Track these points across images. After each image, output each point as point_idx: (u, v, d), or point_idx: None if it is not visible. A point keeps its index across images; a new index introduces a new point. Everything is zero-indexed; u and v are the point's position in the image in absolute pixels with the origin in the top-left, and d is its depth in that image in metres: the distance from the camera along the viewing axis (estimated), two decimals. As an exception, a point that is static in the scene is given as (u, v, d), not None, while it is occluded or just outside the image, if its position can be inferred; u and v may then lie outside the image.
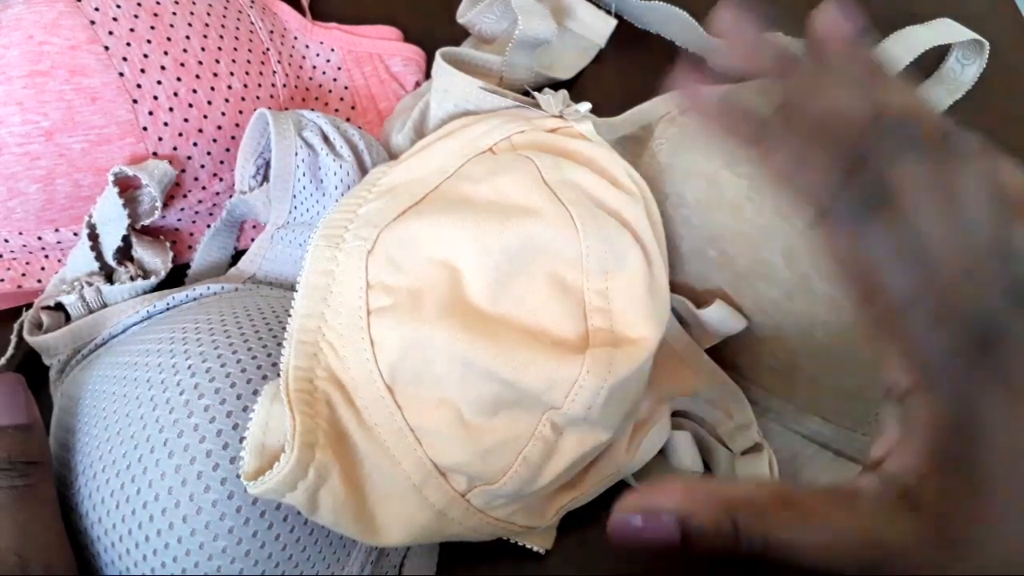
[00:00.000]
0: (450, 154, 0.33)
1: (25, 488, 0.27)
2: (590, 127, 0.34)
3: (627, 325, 0.28)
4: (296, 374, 0.27)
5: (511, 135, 0.33)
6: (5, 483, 0.26)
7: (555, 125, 0.34)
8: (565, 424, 0.27)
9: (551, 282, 0.29)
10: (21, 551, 0.26)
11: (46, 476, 0.27)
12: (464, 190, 0.31)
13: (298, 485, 0.25)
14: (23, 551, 0.26)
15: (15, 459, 0.27)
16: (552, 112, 0.35)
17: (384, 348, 0.27)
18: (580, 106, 0.34)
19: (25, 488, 0.27)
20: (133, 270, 0.36)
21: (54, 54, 0.33)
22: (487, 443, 0.27)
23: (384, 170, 0.34)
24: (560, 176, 0.31)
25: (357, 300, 0.28)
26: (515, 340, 0.27)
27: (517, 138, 0.33)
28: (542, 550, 0.33)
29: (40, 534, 0.26)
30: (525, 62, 0.42)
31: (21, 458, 0.27)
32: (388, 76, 0.45)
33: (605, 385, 0.27)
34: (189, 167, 0.37)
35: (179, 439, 0.27)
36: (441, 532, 0.28)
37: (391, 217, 0.30)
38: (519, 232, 0.29)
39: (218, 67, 0.37)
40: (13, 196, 0.34)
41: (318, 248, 0.29)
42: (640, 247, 0.29)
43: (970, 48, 0.44)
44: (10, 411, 0.27)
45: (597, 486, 0.33)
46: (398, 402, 0.27)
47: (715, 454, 0.36)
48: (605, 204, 0.31)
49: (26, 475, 0.27)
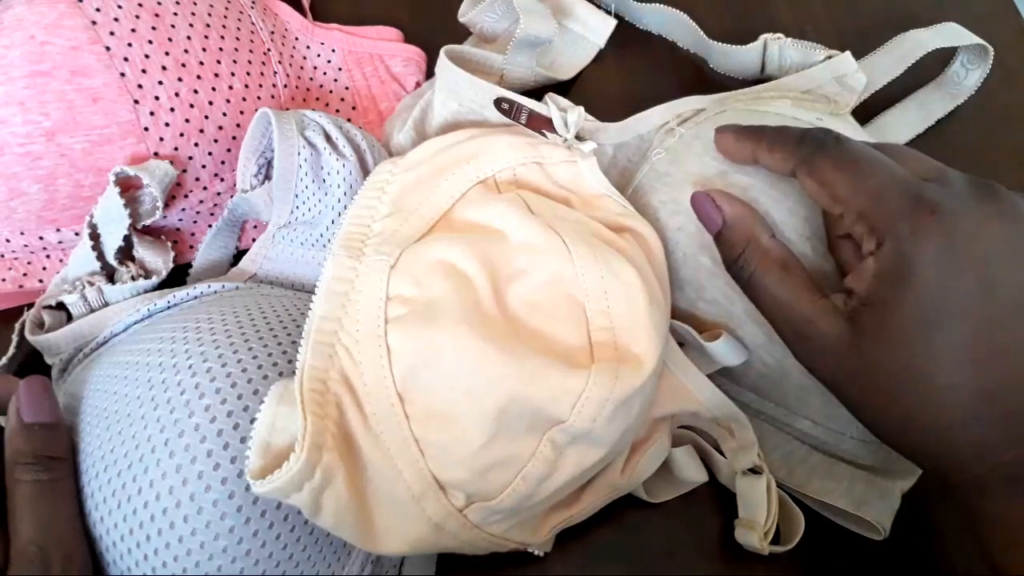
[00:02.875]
0: (459, 179, 0.34)
1: (49, 482, 0.28)
2: (593, 163, 0.35)
3: (630, 341, 0.29)
4: (311, 373, 0.27)
5: (515, 166, 0.34)
6: (30, 477, 0.27)
7: (561, 158, 0.35)
8: (567, 442, 0.28)
9: (558, 298, 0.29)
10: (43, 543, 0.26)
11: (68, 472, 0.28)
12: (469, 214, 0.32)
13: (304, 486, 0.25)
14: (44, 543, 0.26)
15: (40, 454, 0.28)
16: (563, 136, 0.35)
17: (399, 357, 0.27)
18: (584, 145, 0.35)
19: (49, 482, 0.28)
20: (134, 270, 0.36)
21: (55, 54, 0.33)
22: (488, 461, 0.27)
23: (390, 169, 0.34)
24: (553, 213, 0.32)
25: (376, 309, 0.28)
26: (525, 351, 0.27)
27: (521, 171, 0.34)
28: (541, 553, 0.33)
29: (61, 527, 0.27)
30: (526, 61, 0.42)
31: (46, 453, 0.28)
32: (389, 76, 0.45)
33: (611, 398, 0.27)
34: (190, 167, 0.37)
35: (180, 438, 0.27)
36: (437, 544, 0.29)
37: (412, 238, 0.31)
38: (522, 255, 0.30)
39: (219, 67, 0.37)
40: (14, 196, 0.34)
41: (338, 257, 0.30)
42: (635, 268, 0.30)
43: (975, 53, 0.44)
44: (37, 410, 0.29)
45: (592, 505, 0.33)
46: (406, 412, 0.27)
47: (715, 462, 0.36)
48: (599, 235, 0.32)
49: (49, 470, 0.28)
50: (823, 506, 0.35)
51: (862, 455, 0.35)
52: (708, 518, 0.37)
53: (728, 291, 0.33)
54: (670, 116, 0.39)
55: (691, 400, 0.34)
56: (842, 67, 0.39)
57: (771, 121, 0.35)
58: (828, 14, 0.50)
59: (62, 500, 0.28)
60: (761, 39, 0.42)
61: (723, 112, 0.37)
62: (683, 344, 0.34)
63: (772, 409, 0.35)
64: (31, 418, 0.28)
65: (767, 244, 0.31)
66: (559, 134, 0.35)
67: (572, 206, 0.34)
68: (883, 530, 0.34)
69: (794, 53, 0.41)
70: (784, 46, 0.41)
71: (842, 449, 0.35)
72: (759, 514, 0.34)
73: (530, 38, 0.41)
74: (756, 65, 0.43)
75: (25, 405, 0.29)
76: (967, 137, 0.46)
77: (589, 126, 0.40)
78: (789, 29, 0.43)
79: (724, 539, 0.36)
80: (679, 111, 0.39)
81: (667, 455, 0.35)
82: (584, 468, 0.29)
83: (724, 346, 0.33)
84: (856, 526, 0.35)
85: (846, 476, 0.35)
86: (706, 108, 0.39)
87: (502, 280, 0.29)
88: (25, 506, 0.27)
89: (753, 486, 0.35)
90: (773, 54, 0.42)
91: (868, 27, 0.48)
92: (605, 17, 0.47)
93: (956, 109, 0.46)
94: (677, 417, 0.35)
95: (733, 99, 0.39)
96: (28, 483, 0.27)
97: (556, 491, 0.29)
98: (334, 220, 0.36)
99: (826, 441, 0.35)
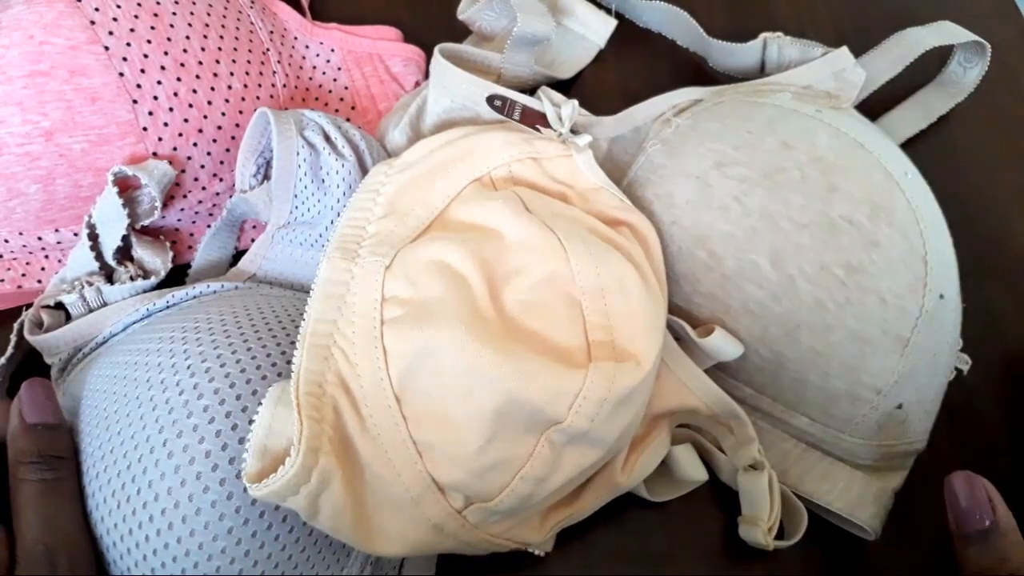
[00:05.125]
0: (454, 177, 0.34)
1: (53, 482, 0.28)
2: (589, 156, 0.35)
3: (628, 340, 0.29)
4: (307, 376, 0.27)
5: (511, 163, 0.34)
6: (35, 476, 0.28)
7: (556, 153, 0.35)
8: (565, 442, 0.28)
9: (554, 297, 0.29)
10: (48, 542, 0.27)
11: (71, 472, 0.29)
12: (464, 213, 0.32)
13: (300, 490, 0.25)
14: (50, 542, 0.27)
15: (44, 453, 0.28)
16: (557, 130, 0.35)
17: (396, 358, 0.27)
18: (579, 139, 0.34)
19: (53, 482, 0.28)
20: (133, 270, 0.36)
21: (54, 54, 0.33)
22: (486, 462, 0.27)
23: (385, 171, 0.34)
24: (549, 210, 0.32)
25: (372, 311, 0.29)
26: (522, 351, 0.27)
27: (517, 167, 0.34)
28: (542, 553, 0.33)
29: (65, 526, 0.27)
30: (524, 60, 0.42)
31: (49, 452, 0.28)
32: (388, 76, 0.45)
33: (609, 397, 0.27)
34: (189, 167, 0.37)
35: (178, 439, 0.27)
36: (436, 546, 0.29)
37: (407, 239, 0.31)
38: (518, 254, 0.30)
39: (218, 67, 0.37)
40: (13, 196, 0.34)
41: (333, 260, 0.30)
42: (633, 265, 0.30)
43: (972, 50, 0.44)
44: (40, 411, 0.29)
45: (592, 504, 0.33)
46: (404, 413, 0.27)
47: (716, 460, 0.36)
48: (596, 230, 0.32)
49: (54, 469, 0.28)
50: (816, 506, 0.35)
51: (860, 454, 0.35)
52: (708, 518, 0.37)
53: (724, 284, 0.33)
54: (666, 107, 0.39)
55: (689, 397, 0.34)
56: (840, 62, 0.39)
57: (770, 113, 0.35)
58: (828, 13, 0.50)
59: (67, 499, 0.28)
60: (761, 37, 0.42)
61: (721, 103, 0.37)
62: (679, 339, 0.34)
63: (769, 405, 0.35)
64: (33, 419, 0.29)
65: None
66: (554, 129, 0.35)
67: (569, 201, 0.34)
68: (874, 532, 0.34)
69: (794, 51, 0.41)
70: (783, 44, 0.41)
71: (840, 448, 0.35)
72: (762, 510, 0.34)
73: (527, 36, 0.40)
74: (756, 63, 0.43)
75: (27, 406, 0.29)
76: (967, 137, 0.46)
77: (583, 120, 0.40)
78: (789, 27, 0.43)
79: (724, 539, 0.36)
80: (676, 102, 0.39)
81: (667, 453, 0.35)
82: (583, 468, 0.29)
83: (719, 341, 0.33)
84: (848, 524, 0.35)
85: (842, 477, 0.35)
86: (704, 99, 0.38)
87: (498, 280, 0.29)
88: (30, 505, 0.27)
89: (755, 482, 0.34)
90: (772, 52, 0.42)
91: (868, 26, 0.48)
92: (605, 17, 0.47)
93: (956, 109, 0.46)
94: (676, 414, 0.35)
95: (732, 91, 0.39)
96: (33, 482, 0.27)
97: (555, 491, 0.29)
98: (333, 220, 0.36)
99: (824, 439, 0.35)
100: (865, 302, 0.32)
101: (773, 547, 0.34)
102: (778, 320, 0.33)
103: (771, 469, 0.34)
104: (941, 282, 0.33)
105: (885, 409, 0.34)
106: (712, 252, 0.33)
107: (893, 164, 0.34)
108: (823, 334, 0.32)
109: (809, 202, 0.32)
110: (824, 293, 0.32)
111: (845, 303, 0.32)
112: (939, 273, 0.33)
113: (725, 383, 0.35)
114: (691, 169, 0.34)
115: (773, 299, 0.33)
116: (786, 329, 0.33)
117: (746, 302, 0.33)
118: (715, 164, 0.34)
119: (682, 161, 0.35)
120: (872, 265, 0.32)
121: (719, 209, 0.33)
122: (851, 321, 0.32)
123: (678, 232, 0.34)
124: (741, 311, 0.33)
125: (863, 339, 0.32)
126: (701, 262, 0.34)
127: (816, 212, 0.32)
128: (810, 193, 0.32)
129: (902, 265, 0.32)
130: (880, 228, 0.32)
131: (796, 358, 0.33)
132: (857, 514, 0.34)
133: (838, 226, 0.32)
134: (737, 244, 0.33)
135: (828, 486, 0.35)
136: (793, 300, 0.32)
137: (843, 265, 0.32)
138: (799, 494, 0.35)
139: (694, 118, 0.37)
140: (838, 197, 0.32)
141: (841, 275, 0.32)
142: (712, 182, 0.34)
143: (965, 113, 0.46)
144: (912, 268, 0.32)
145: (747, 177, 0.33)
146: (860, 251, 0.32)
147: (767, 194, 0.33)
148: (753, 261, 0.33)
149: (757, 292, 0.33)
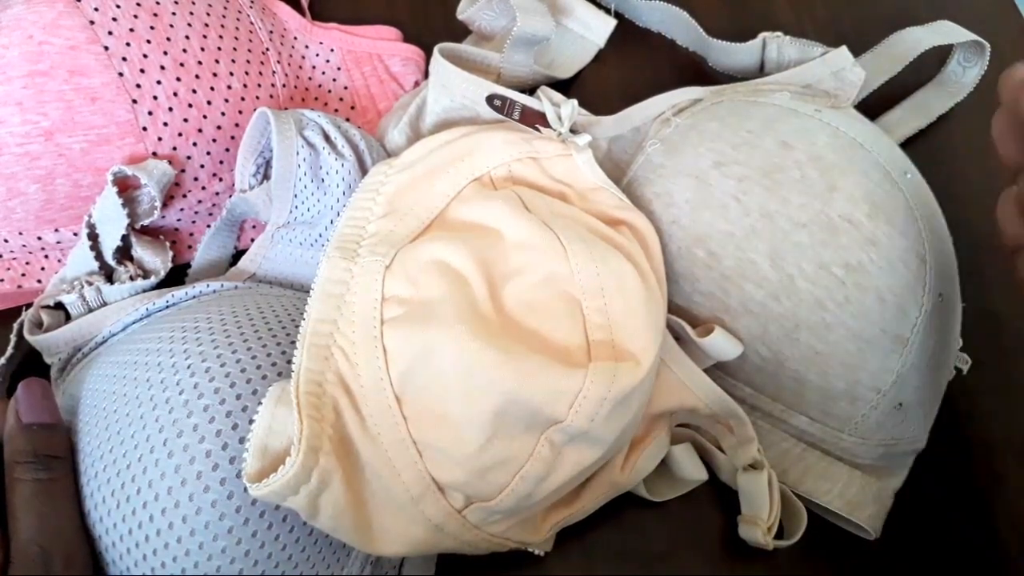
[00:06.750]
0: (454, 177, 0.34)
1: (48, 481, 0.28)
2: (589, 155, 0.35)
3: (627, 339, 0.29)
4: (307, 376, 0.27)
5: (510, 162, 0.34)
6: (30, 476, 0.27)
7: (556, 152, 0.35)
8: (565, 441, 0.28)
9: (554, 297, 0.29)
10: (43, 542, 0.27)
11: (67, 472, 0.29)
12: (464, 213, 0.32)
13: (300, 489, 0.25)
14: (45, 543, 0.27)
15: (39, 453, 0.28)
16: (557, 130, 0.35)
17: (396, 358, 0.27)
18: (579, 138, 0.35)
19: (48, 481, 0.28)
20: (133, 270, 0.36)
21: (54, 54, 0.33)
22: (486, 462, 0.27)
23: (385, 171, 0.34)
24: (549, 209, 0.32)
25: (372, 311, 0.29)
26: (522, 350, 0.27)
27: (516, 167, 0.34)
28: (541, 552, 0.33)
29: (61, 527, 0.27)
30: (523, 60, 0.42)
31: (45, 452, 0.28)
32: (387, 76, 0.45)
33: (608, 397, 0.27)
34: (189, 167, 0.37)
35: (178, 439, 0.27)
36: (436, 546, 0.29)
37: (407, 238, 0.31)
38: (518, 254, 0.30)
39: (218, 67, 0.37)
40: (13, 196, 0.34)
41: (332, 259, 0.30)
42: (632, 264, 0.30)
43: (971, 50, 0.44)
44: (36, 410, 0.29)
45: (592, 503, 0.33)
46: (404, 413, 0.27)
47: (716, 459, 0.36)
48: (595, 230, 0.32)
49: (49, 469, 0.28)
50: (816, 506, 0.35)
51: (860, 454, 0.35)
52: (708, 518, 0.37)
53: (723, 283, 0.33)
54: (666, 107, 0.39)
55: (689, 396, 0.34)
56: (838, 61, 0.39)
57: (769, 113, 0.35)
58: (828, 13, 0.50)
59: (62, 499, 0.28)
60: (760, 37, 0.42)
61: (720, 103, 0.37)
62: (679, 338, 0.34)
63: (768, 404, 0.35)
64: (30, 419, 0.29)
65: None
66: (553, 128, 0.35)
67: (568, 200, 0.34)
68: (874, 532, 0.34)
69: (793, 51, 0.41)
70: (783, 44, 0.41)
71: (840, 447, 0.35)
72: (762, 509, 0.34)
73: (527, 36, 0.40)
74: (755, 63, 0.43)
75: (23, 406, 0.29)
76: (967, 136, 0.46)
77: (583, 120, 0.40)
78: (789, 27, 0.43)
79: (724, 539, 0.36)
80: (675, 101, 0.39)
81: (667, 452, 0.35)
82: (583, 467, 0.29)
83: (718, 341, 0.33)
84: (847, 524, 0.35)
85: (842, 477, 0.35)
86: (703, 98, 0.38)
87: (498, 279, 0.29)
88: (25, 505, 0.27)
89: (755, 482, 0.34)
90: (772, 52, 0.42)
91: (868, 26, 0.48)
92: (605, 17, 0.47)
93: (957, 108, 0.45)
94: (676, 414, 0.35)
95: (731, 90, 0.39)
96: (28, 482, 0.27)
97: (555, 490, 0.29)
98: (333, 220, 0.36)
99: (823, 439, 0.35)
100: (864, 301, 0.32)
101: (773, 547, 0.34)
102: (777, 319, 0.33)
103: (771, 468, 0.34)
104: (941, 282, 0.33)
105: (884, 408, 0.34)
106: (711, 251, 0.33)
107: (893, 164, 0.34)
108: (822, 333, 0.32)
109: (808, 201, 0.32)
110: (823, 292, 0.32)
111: (844, 302, 0.32)
112: (939, 273, 0.33)
113: (724, 382, 0.35)
114: (690, 168, 0.35)
115: (772, 298, 0.33)
116: (785, 328, 0.33)
117: (745, 301, 0.33)
118: (714, 163, 0.34)
119: (681, 160, 0.35)
120: (871, 264, 0.32)
121: (718, 208, 0.33)
122: (850, 320, 0.32)
123: (677, 231, 0.34)
124: (740, 310, 0.33)
125: (862, 338, 0.32)
126: (700, 261, 0.34)
127: (815, 211, 0.32)
128: (809, 192, 0.33)
129: (901, 264, 0.32)
130: (879, 227, 0.32)
131: (795, 357, 0.33)
132: (857, 514, 0.34)
133: (837, 225, 0.32)
134: (736, 243, 0.33)
135: (828, 485, 0.35)
136: (792, 299, 0.32)
137: (842, 264, 0.32)
138: (799, 494, 0.35)
139: (693, 118, 0.37)
140: (837, 196, 0.32)
141: (840, 274, 0.32)
142: (711, 181, 0.34)
143: (965, 113, 0.46)
144: (911, 268, 0.32)
145: (746, 176, 0.33)
146: (859, 250, 0.32)
147: (766, 193, 0.33)
148: (752, 260, 0.33)
149: (756, 291, 0.33)
